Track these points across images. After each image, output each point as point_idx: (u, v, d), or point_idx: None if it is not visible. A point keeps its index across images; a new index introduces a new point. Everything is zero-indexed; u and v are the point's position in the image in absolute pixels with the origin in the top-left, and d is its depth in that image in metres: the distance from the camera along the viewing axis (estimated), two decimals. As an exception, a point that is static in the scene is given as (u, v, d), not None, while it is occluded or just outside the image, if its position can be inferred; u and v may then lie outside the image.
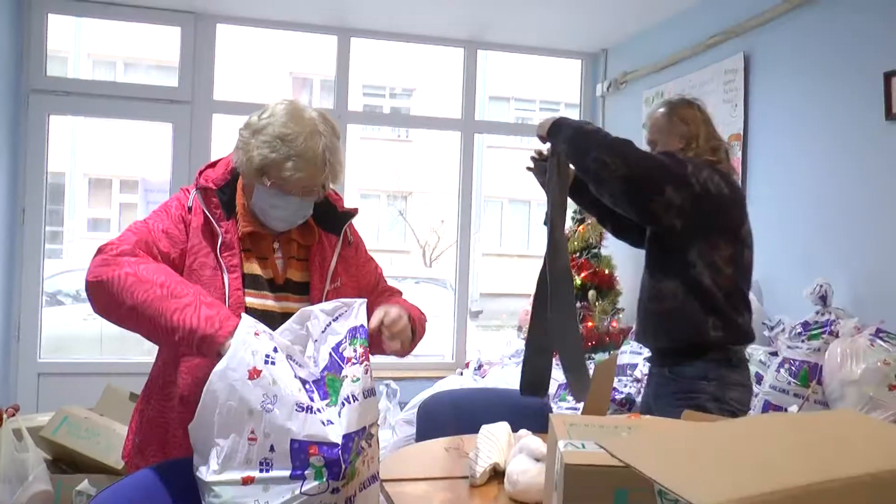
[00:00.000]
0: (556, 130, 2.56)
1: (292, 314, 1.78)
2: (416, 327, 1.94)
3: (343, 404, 1.58)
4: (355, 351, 1.65)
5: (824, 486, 0.85)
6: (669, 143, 2.61)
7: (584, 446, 1.33)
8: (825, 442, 0.98)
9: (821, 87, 3.45)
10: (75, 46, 13.28)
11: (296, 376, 1.59)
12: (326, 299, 1.90)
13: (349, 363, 1.64)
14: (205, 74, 4.96)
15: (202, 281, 1.80)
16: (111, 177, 14.42)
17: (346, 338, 1.67)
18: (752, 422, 1.17)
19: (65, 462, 3.48)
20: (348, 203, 2.11)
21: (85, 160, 13.70)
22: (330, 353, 1.65)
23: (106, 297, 1.69)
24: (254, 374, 1.55)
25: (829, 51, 3.41)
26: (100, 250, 1.74)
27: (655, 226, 2.48)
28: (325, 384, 1.62)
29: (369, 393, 1.65)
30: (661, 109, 2.70)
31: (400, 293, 2.17)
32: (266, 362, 1.57)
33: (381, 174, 16.28)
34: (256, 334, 1.61)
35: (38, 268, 4.70)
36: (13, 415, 3.19)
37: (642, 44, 4.99)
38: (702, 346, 2.43)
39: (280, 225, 1.91)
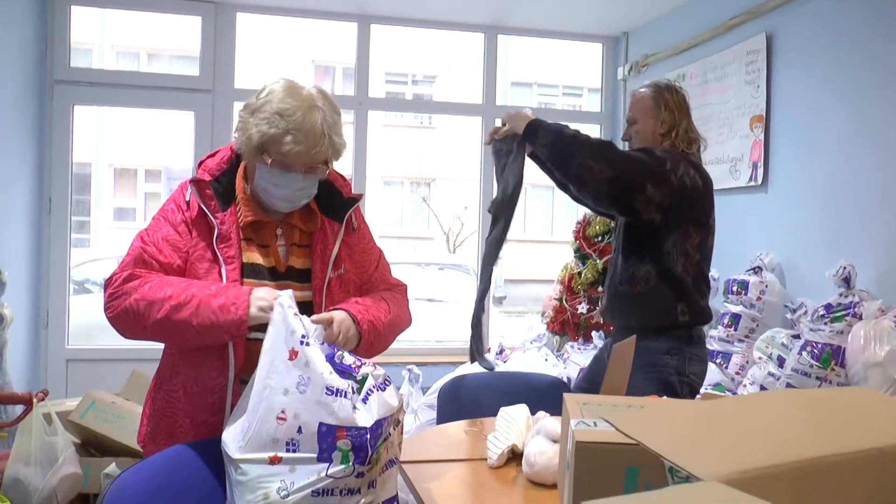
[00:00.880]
0: (534, 132, 2.63)
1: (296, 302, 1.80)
2: (362, 330, 1.82)
3: (368, 393, 1.61)
4: (351, 355, 1.70)
5: (831, 460, 0.86)
6: (650, 126, 2.70)
7: (595, 425, 1.34)
8: (835, 417, 0.98)
9: (845, 67, 3.40)
10: (99, 38, 13.40)
11: (326, 360, 1.62)
12: (328, 287, 1.91)
13: (356, 368, 1.67)
14: (226, 63, 4.99)
15: (198, 275, 1.81)
16: (136, 167, 14.56)
17: (333, 351, 1.69)
18: (762, 398, 1.17)
19: (92, 445, 3.54)
20: (369, 190, 2.11)
21: (110, 151, 13.84)
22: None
23: (127, 327, 1.77)
24: (292, 354, 1.59)
25: (853, 30, 3.36)
26: (106, 285, 1.80)
27: (636, 220, 2.60)
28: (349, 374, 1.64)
29: (387, 383, 1.67)
30: (648, 90, 2.75)
31: (391, 290, 2.08)
32: (301, 343, 1.60)
33: (404, 161, 16.29)
34: (296, 315, 1.65)
35: (64, 256, 4.77)
36: (42, 399, 3.24)
37: (663, 26, 4.95)
38: (668, 326, 2.61)
39: (283, 205, 1.89)
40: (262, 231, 1.91)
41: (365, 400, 1.60)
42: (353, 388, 1.60)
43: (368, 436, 1.55)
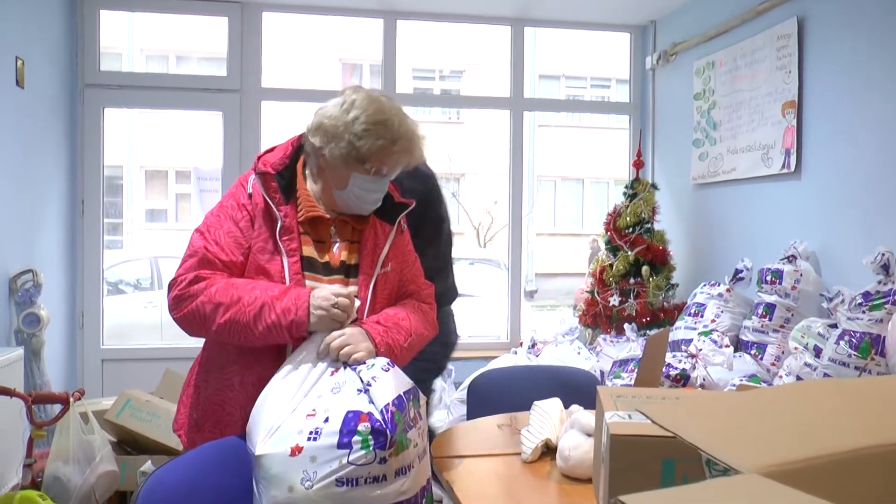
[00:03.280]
0: None
1: None
2: (377, 347, 1.82)
3: (368, 385, 1.63)
4: None
5: (873, 451, 0.83)
6: None
7: (630, 417, 1.32)
8: (875, 407, 0.95)
9: (879, 50, 3.33)
10: (129, 43, 13.55)
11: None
12: (376, 283, 1.95)
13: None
14: (253, 63, 5.01)
15: (260, 265, 1.85)
16: (166, 168, 14.70)
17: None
18: (800, 387, 1.14)
19: (128, 444, 3.58)
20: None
21: (141, 153, 14.00)
22: None
23: (193, 327, 1.83)
24: (335, 370, 1.70)
25: (886, 11, 3.29)
26: (170, 286, 1.86)
27: None
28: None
29: (389, 365, 1.71)
30: None
31: (419, 296, 2.13)
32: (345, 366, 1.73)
33: (433, 156, 16.21)
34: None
35: (98, 258, 4.83)
36: (79, 398, 3.28)
37: (691, 13, 4.88)
38: None
39: (370, 208, 1.97)
40: (318, 227, 1.95)
41: (370, 385, 1.64)
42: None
43: (384, 419, 1.56)
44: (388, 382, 1.65)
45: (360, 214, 1.98)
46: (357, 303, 1.82)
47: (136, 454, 3.53)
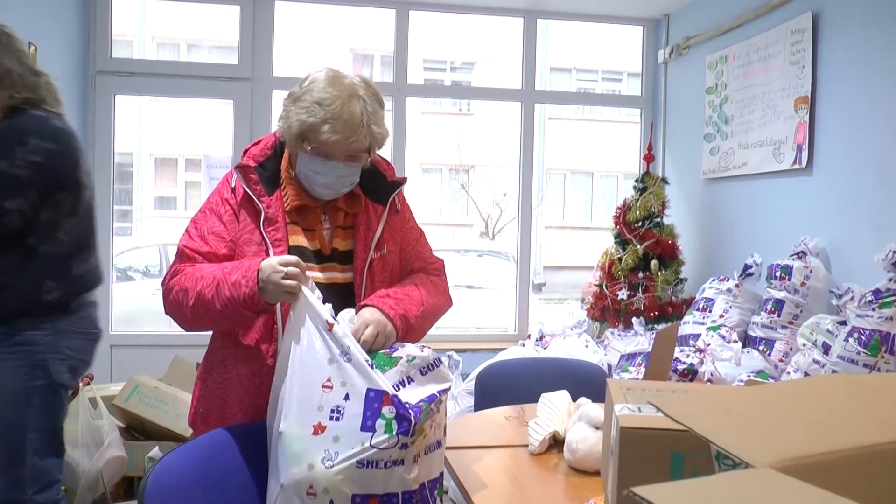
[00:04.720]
0: None
1: (337, 284, 1.88)
2: (396, 326, 1.80)
3: (399, 387, 1.62)
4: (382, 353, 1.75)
5: (887, 447, 0.83)
6: None
7: (640, 410, 1.32)
8: (885, 404, 0.95)
9: (894, 46, 3.31)
10: (140, 30, 13.57)
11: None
12: (370, 268, 1.93)
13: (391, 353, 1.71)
14: (264, 51, 5.01)
15: (247, 258, 1.84)
16: (176, 156, 14.74)
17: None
18: (812, 383, 1.13)
19: (136, 429, 3.60)
20: (408, 178, 2.12)
21: (151, 140, 14.04)
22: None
23: (178, 318, 1.86)
24: (329, 326, 1.64)
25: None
26: (162, 285, 1.90)
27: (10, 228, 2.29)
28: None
29: (428, 369, 1.68)
30: None
31: (427, 270, 2.09)
32: (334, 318, 1.67)
33: (442, 148, 16.28)
34: (320, 298, 1.71)
35: (107, 245, 4.84)
36: (88, 384, 3.31)
37: (705, 7, 4.86)
38: (38, 307, 2.35)
39: (325, 192, 1.92)
40: (307, 215, 1.94)
41: (410, 380, 1.63)
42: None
43: (410, 405, 1.56)
44: (429, 381, 1.67)
45: (328, 198, 1.94)
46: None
47: (144, 440, 3.55)
